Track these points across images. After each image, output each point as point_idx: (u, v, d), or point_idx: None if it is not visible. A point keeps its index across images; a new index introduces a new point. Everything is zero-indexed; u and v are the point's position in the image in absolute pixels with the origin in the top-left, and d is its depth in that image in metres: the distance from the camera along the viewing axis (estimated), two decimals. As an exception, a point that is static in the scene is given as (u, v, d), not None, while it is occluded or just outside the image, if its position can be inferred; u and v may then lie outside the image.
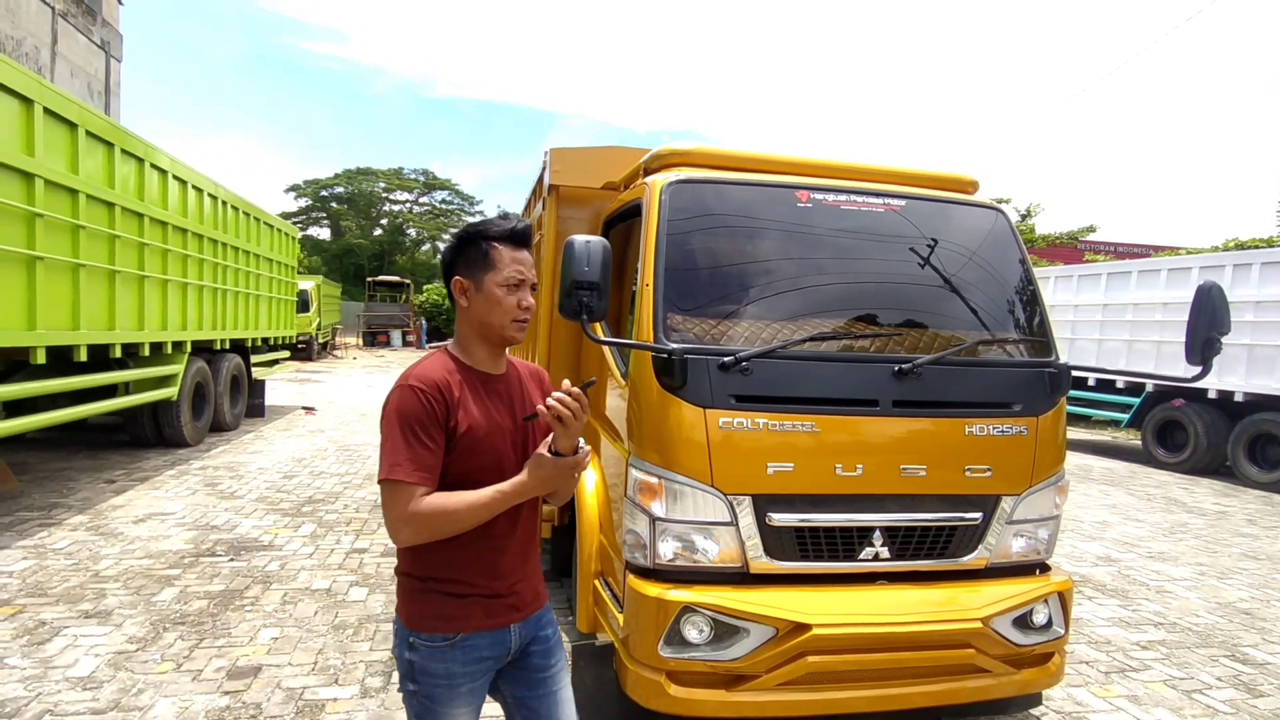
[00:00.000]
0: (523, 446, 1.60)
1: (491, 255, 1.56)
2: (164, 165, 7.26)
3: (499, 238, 1.57)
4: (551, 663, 1.69)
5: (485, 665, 1.59)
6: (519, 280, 1.57)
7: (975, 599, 2.59)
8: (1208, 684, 3.67)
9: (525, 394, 1.67)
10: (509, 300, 1.56)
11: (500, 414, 1.59)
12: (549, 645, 1.70)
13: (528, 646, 1.66)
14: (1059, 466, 2.81)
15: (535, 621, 1.67)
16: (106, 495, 6.06)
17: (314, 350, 23.15)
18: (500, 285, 1.56)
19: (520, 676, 1.66)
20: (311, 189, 48.75)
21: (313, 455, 8.20)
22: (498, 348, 1.63)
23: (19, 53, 15.15)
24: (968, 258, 2.95)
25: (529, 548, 1.66)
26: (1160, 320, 10.18)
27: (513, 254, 1.58)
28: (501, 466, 1.55)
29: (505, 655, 1.62)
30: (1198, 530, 6.88)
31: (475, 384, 1.58)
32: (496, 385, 1.62)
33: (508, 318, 1.57)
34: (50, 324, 5.39)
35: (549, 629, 1.71)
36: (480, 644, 1.56)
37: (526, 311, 1.59)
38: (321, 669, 3.31)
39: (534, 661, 1.67)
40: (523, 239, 1.60)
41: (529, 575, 1.66)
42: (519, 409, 1.63)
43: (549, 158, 3.94)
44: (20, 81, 4.96)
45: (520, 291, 1.57)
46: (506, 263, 1.56)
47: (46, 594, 3.99)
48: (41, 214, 5.16)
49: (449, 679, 1.55)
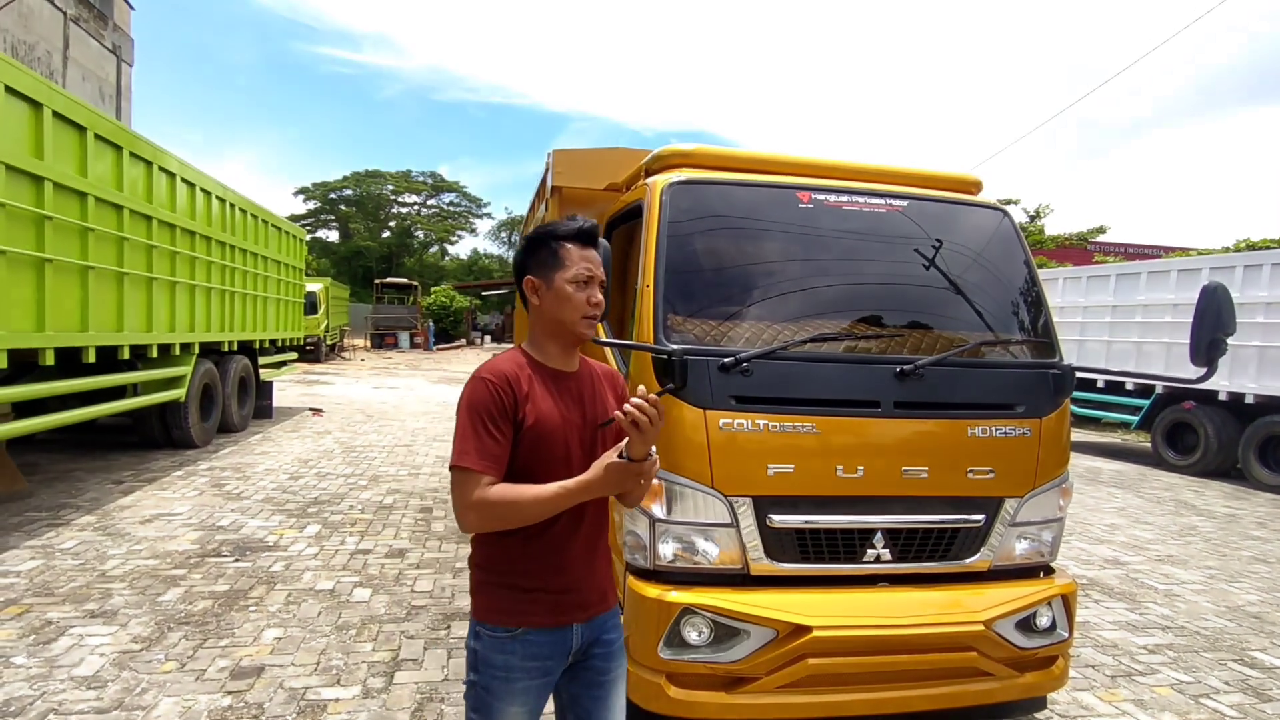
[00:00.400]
0: (591, 444, 1.63)
1: (561, 254, 1.62)
2: (172, 168, 7.32)
3: (567, 237, 1.63)
4: (611, 666, 1.71)
5: (545, 665, 1.61)
6: (587, 277, 1.61)
7: (978, 601, 2.58)
8: (1215, 688, 3.63)
9: (598, 393, 1.69)
10: (578, 296, 1.60)
11: (570, 410, 1.62)
12: (611, 649, 1.71)
13: (590, 648, 1.67)
14: (1063, 468, 2.79)
15: (600, 624, 1.68)
16: (114, 496, 6.10)
17: (322, 352, 23.26)
18: (569, 282, 1.60)
19: (579, 675, 1.68)
20: (320, 191, 49.05)
21: (319, 456, 8.24)
22: (569, 344, 1.67)
23: (31, 57, 15.31)
24: (970, 258, 2.93)
25: (595, 548, 1.68)
26: (1170, 322, 10.10)
27: (581, 252, 1.62)
28: (568, 462, 1.58)
29: (566, 656, 1.64)
30: (1207, 533, 6.82)
31: (546, 380, 1.62)
32: (568, 382, 1.65)
33: (578, 314, 1.61)
34: (59, 325, 5.44)
35: (613, 633, 1.72)
36: (540, 640, 1.59)
37: (596, 308, 1.62)
38: (324, 669, 3.32)
39: (594, 664, 1.69)
40: (590, 238, 1.65)
41: (594, 575, 1.67)
42: (590, 407, 1.66)
43: (552, 159, 3.96)
44: (29, 85, 5.01)
45: (589, 288, 1.61)
46: (575, 260, 1.61)
47: (53, 593, 4.02)
48: (51, 216, 5.21)
49: (506, 672, 1.58)
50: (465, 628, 3.81)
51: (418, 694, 3.16)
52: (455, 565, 4.80)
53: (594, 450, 1.61)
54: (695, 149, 3.00)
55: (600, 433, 1.65)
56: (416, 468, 7.88)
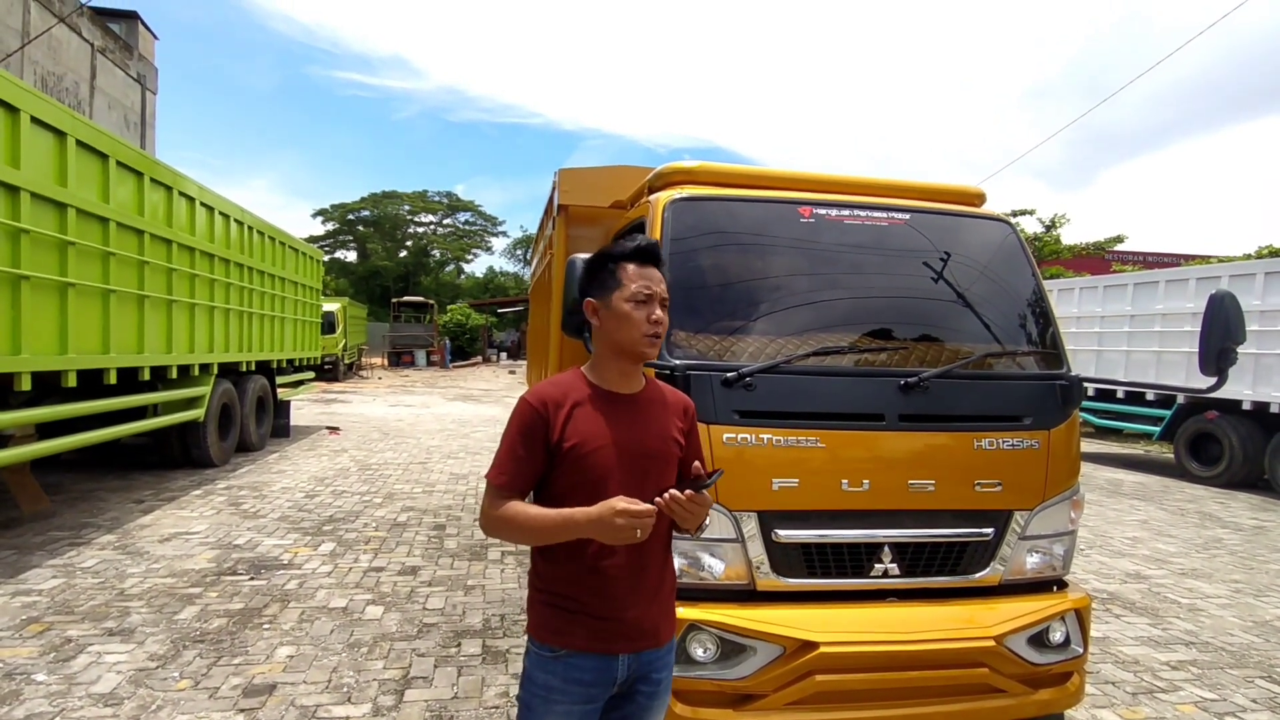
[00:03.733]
0: (641, 471, 1.60)
1: (619, 274, 1.62)
2: (192, 193, 7.48)
3: (625, 256, 1.63)
4: (653, 704, 1.68)
5: (588, 691, 1.59)
6: (647, 295, 1.60)
7: (988, 616, 2.54)
8: (1241, 706, 3.54)
9: (658, 419, 1.67)
10: (638, 315, 1.59)
11: (620, 434, 1.60)
12: (657, 689, 1.68)
13: (635, 683, 1.65)
14: (1073, 480, 2.75)
15: (648, 660, 1.65)
16: (135, 515, 6.19)
17: (340, 371, 23.52)
18: (628, 301, 1.60)
19: (620, 706, 1.67)
20: (338, 213, 49.78)
21: (335, 475, 8.31)
22: (631, 365, 1.66)
23: (60, 88, 15.77)
24: (975, 270, 2.93)
25: (649, 581, 1.64)
26: (1190, 331, 9.94)
27: (639, 270, 1.62)
28: (606, 485, 1.55)
29: (611, 684, 1.61)
30: (1233, 546, 6.67)
31: (600, 403, 1.62)
32: (625, 405, 1.65)
33: (638, 332, 1.59)
34: (81, 348, 5.56)
35: (663, 671, 1.69)
36: (584, 665, 1.59)
37: (657, 325, 1.60)
38: (335, 687, 3.34)
39: (638, 700, 1.67)
40: (649, 256, 1.65)
41: (646, 608, 1.63)
42: (645, 432, 1.64)
43: (558, 178, 4.01)
44: (54, 116, 5.16)
45: (649, 306, 1.60)
46: (633, 278, 1.61)
47: (73, 612, 4.08)
48: (73, 242, 5.35)
49: (546, 691, 1.59)
50: (476, 645, 3.84)
51: (428, 712, 3.16)
52: (467, 583, 4.81)
53: (643, 476, 1.59)
54: (697, 166, 3.03)
55: (652, 459, 1.64)
56: (431, 485, 7.92)
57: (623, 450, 1.60)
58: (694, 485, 1.52)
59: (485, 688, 3.39)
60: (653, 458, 1.64)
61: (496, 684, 3.43)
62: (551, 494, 1.62)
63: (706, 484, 1.51)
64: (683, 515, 1.51)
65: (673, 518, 1.52)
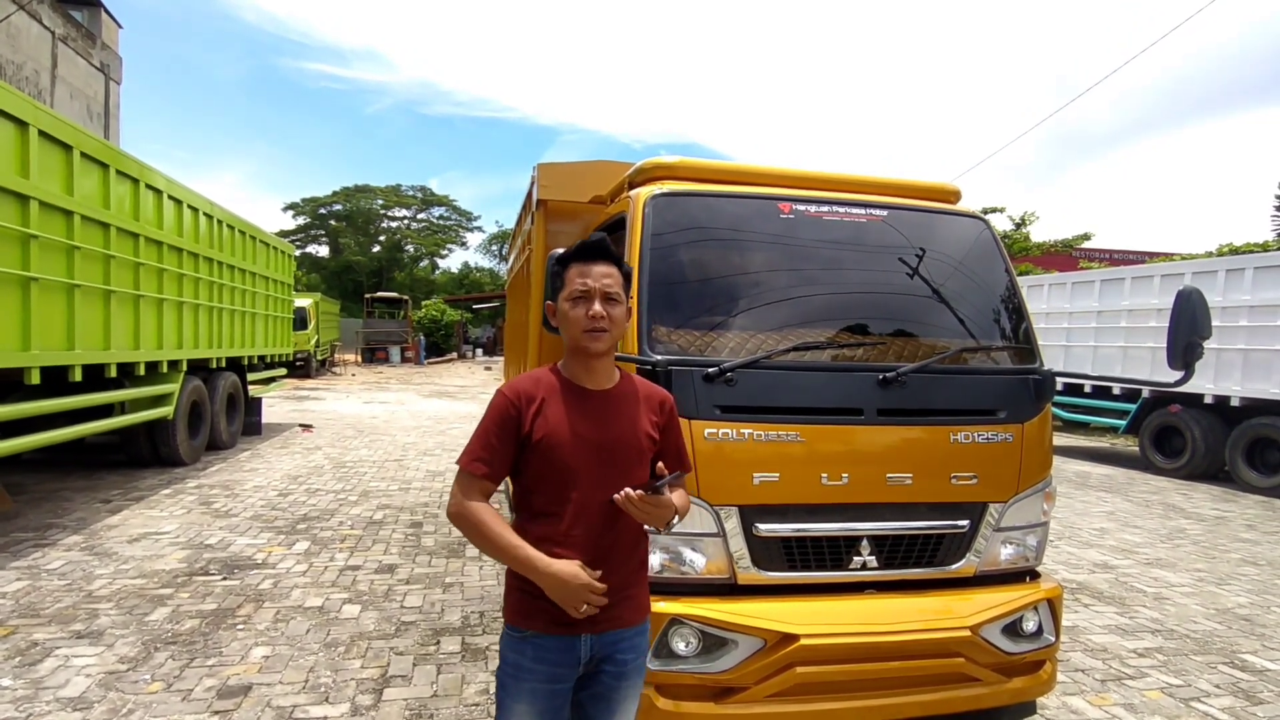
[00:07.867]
0: (608, 463, 1.67)
1: (564, 275, 1.72)
2: (159, 185, 7.31)
3: (566, 258, 1.73)
4: (620, 685, 1.75)
5: (554, 671, 1.68)
6: (582, 292, 1.67)
7: (964, 607, 2.59)
8: (1206, 691, 3.65)
9: (629, 414, 1.74)
10: (575, 313, 1.67)
11: (587, 429, 1.67)
12: (623, 669, 1.74)
13: (601, 663, 1.72)
14: (1046, 473, 2.81)
15: (613, 640, 1.72)
16: (102, 515, 6.05)
17: (313, 367, 23.16)
18: (567, 300, 1.70)
19: (588, 686, 1.74)
20: (310, 207, 49.02)
21: (309, 472, 8.20)
22: (584, 360, 1.72)
23: (19, 77, 15.30)
24: (951, 266, 2.97)
25: (613, 566, 1.68)
26: (1155, 326, 10.18)
27: (579, 268, 1.69)
28: (572, 477, 1.65)
29: (576, 664, 1.69)
30: (1196, 536, 6.86)
31: (569, 397, 1.70)
32: (595, 400, 1.72)
33: (577, 329, 1.67)
34: (45, 344, 5.41)
35: (629, 654, 1.75)
36: (549, 645, 1.67)
37: (595, 320, 1.66)
38: (312, 687, 3.30)
39: (603, 680, 1.73)
40: (591, 253, 1.70)
41: (609, 593, 1.66)
42: (615, 427, 1.71)
43: (537, 173, 3.98)
44: (14, 105, 5.01)
45: (587, 302, 1.67)
46: (572, 278, 1.70)
47: (39, 614, 3.97)
48: (36, 235, 5.20)
49: (516, 670, 1.68)
50: (455, 643, 3.82)
51: (407, 710, 3.14)
52: (445, 580, 4.78)
53: (610, 469, 1.66)
54: (677, 161, 3.03)
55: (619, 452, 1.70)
56: (407, 483, 7.85)
57: (589, 444, 1.66)
58: (647, 487, 1.58)
59: (465, 685, 3.37)
60: (621, 451, 1.70)
61: (476, 681, 3.41)
62: (520, 484, 1.72)
63: (659, 485, 1.58)
64: (639, 515, 1.59)
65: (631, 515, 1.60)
